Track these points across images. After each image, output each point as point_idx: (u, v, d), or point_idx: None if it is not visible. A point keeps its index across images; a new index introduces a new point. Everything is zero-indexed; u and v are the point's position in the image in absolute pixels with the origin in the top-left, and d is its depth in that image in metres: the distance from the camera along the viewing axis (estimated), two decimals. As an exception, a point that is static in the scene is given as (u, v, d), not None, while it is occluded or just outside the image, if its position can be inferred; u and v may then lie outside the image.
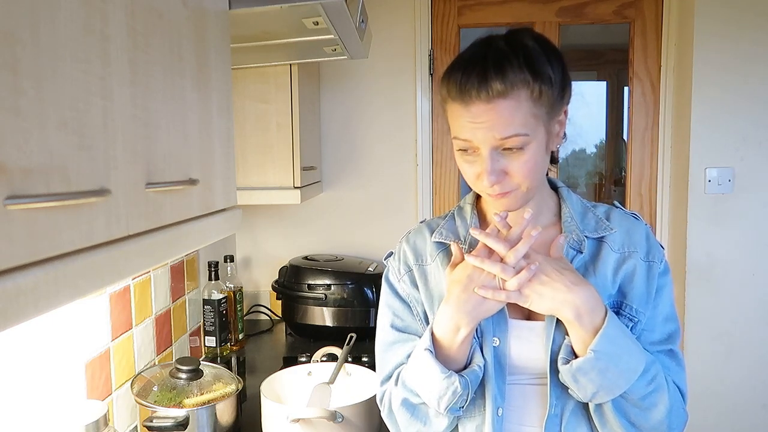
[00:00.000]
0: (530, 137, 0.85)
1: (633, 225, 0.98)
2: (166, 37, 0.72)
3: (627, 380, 0.85)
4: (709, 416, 2.15)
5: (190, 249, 0.80)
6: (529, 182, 0.88)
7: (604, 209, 1.00)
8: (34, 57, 0.46)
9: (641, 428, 0.89)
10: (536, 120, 0.86)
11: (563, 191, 1.01)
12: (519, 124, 0.84)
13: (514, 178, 0.88)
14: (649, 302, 0.94)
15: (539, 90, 0.85)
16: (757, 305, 2.12)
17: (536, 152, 0.87)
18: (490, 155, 0.86)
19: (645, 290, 0.94)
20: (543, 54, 0.87)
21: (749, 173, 2.08)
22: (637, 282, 0.94)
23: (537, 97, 0.85)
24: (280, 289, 2.01)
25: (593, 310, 0.84)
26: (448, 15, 2.21)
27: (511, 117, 0.84)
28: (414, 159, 2.23)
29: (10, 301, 0.43)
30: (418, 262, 1.02)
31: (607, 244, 0.95)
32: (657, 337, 0.95)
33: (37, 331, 1.02)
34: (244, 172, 1.72)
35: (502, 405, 0.92)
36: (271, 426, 1.22)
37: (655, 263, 0.95)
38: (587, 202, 1.01)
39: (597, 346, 0.82)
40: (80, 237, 0.53)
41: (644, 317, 0.93)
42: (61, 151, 0.50)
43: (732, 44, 2.03)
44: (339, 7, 1.04)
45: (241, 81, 1.68)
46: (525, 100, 0.84)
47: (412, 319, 1.01)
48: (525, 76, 0.84)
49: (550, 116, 0.88)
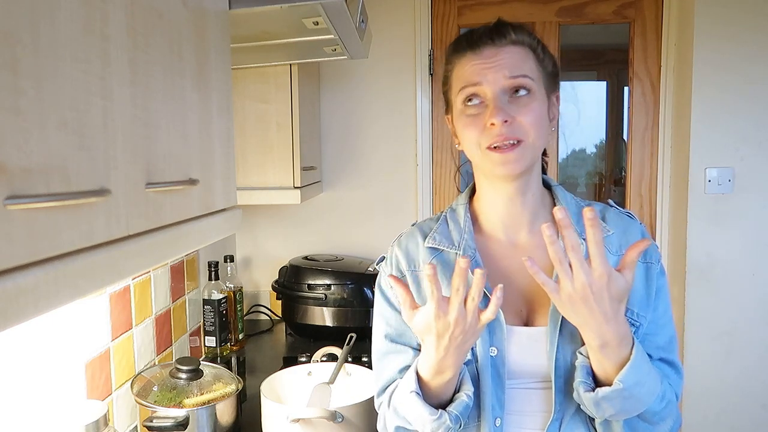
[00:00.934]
0: (536, 85, 0.89)
1: (629, 225, 0.96)
2: (166, 37, 0.72)
3: (646, 403, 0.84)
4: (708, 416, 2.15)
5: (190, 249, 0.80)
6: (535, 133, 0.88)
7: (599, 209, 0.97)
8: (34, 57, 0.46)
9: None
10: (539, 79, 0.90)
11: (557, 190, 0.98)
12: (527, 69, 0.89)
13: (521, 126, 0.87)
14: (649, 305, 0.92)
15: (538, 57, 0.91)
16: (757, 305, 2.12)
17: (540, 107, 0.89)
18: (498, 96, 0.88)
19: (645, 293, 0.92)
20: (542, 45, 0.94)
21: (749, 173, 2.08)
22: (636, 285, 0.91)
23: (539, 61, 0.91)
24: (280, 289, 2.01)
25: (620, 344, 0.81)
26: (448, 15, 2.21)
27: (521, 61, 0.89)
28: (414, 159, 2.23)
29: (10, 301, 0.43)
30: (411, 268, 0.98)
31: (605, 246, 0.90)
32: (661, 341, 0.93)
33: (37, 331, 1.02)
34: (244, 172, 1.72)
35: (501, 415, 0.90)
36: (271, 426, 1.22)
37: (653, 264, 0.94)
38: (582, 201, 0.99)
39: (625, 378, 0.80)
40: (80, 237, 0.53)
41: (645, 321, 0.91)
42: (61, 151, 0.50)
43: (732, 44, 2.03)
44: (339, 7, 1.04)
45: (241, 81, 1.68)
46: (532, 57, 0.91)
47: (405, 328, 0.96)
48: (532, 40, 0.92)
49: (547, 86, 0.92)
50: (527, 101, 0.88)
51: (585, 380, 0.84)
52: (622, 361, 0.81)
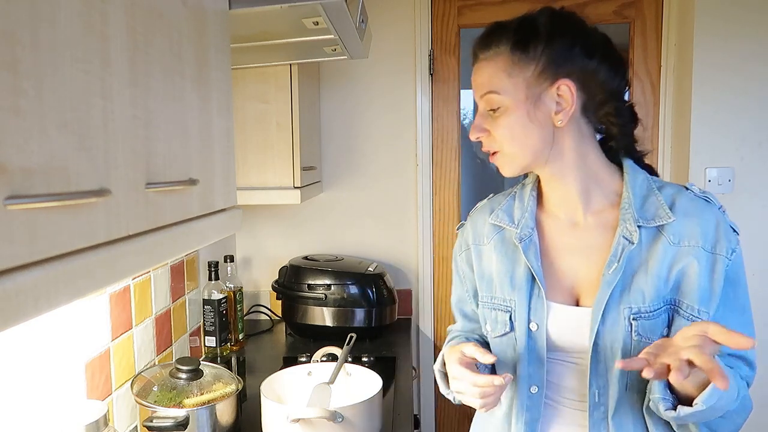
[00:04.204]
0: (505, 98, 0.93)
1: (702, 211, 0.92)
2: (166, 37, 0.72)
3: (725, 409, 0.84)
4: (709, 416, 2.15)
5: (190, 249, 0.80)
6: (508, 146, 0.94)
7: (671, 192, 0.96)
8: (34, 57, 0.46)
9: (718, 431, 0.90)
10: (514, 85, 0.92)
11: (628, 168, 0.97)
12: (493, 85, 0.94)
13: (495, 140, 0.95)
14: (712, 300, 0.89)
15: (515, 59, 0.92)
16: (757, 305, 2.11)
17: (516, 119, 0.93)
18: (480, 113, 0.97)
19: (708, 286, 0.89)
20: (545, 29, 0.93)
21: (749, 173, 2.08)
22: (697, 279, 0.89)
23: (513, 65, 0.93)
24: (280, 289, 2.01)
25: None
26: (448, 15, 2.21)
27: (488, 78, 0.94)
28: (414, 159, 2.23)
29: (10, 301, 0.43)
30: (476, 242, 1.08)
31: (665, 235, 0.91)
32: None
33: (37, 331, 1.02)
34: (244, 172, 1.72)
35: (538, 383, 0.96)
36: (271, 426, 1.22)
37: (721, 256, 0.90)
38: (656, 182, 0.98)
39: (706, 399, 0.79)
40: (80, 237, 0.53)
41: (708, 316, 0.89)
42: (61, 151, 0.50)
43: (732, 44, 2.03)
44: (339, 7, 1.04)
45: (241, 81, 1.68)
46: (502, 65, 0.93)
47: (462, 292, 1.12)
48: (505, 45, 0.93)
49: (533, 85, 0.92)
50: (497, 116, 0.94)
51: (664, 396, 0.85)
52: (702, 383, 0.80)
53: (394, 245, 2.25)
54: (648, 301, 0.90)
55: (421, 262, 2.26)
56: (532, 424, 0.97)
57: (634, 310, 0.90)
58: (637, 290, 0.90)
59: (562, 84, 0.92)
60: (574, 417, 0.96)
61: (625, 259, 0.91)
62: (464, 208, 2.33)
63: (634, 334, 0.90)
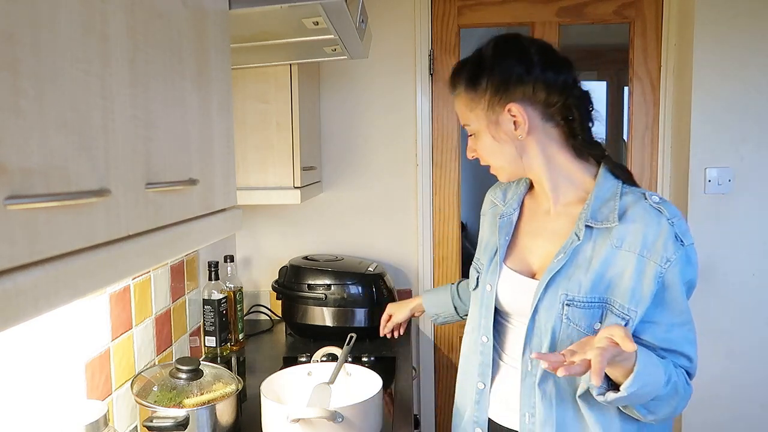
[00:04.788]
0: (473, 127, 1.14)
1: (649, 221, 1.01)
2: (166, 37, 0.72)
3: (652, 394, 0.96)
4: (708, 416, 2.15)
5: (190, 249, 0.80)
6: (494, 161, 1.15)
7: (630, 199, 1.04)
8: (34, 57, 0.46)
9: (656, 414, 1.00)
10: (476, 117, 1.12)
11: (600, 174, 1.09)
12: (463, 117, 1.16)
13: (482, 157, 1.16)
14: (642, 301, 0.99)
15: (471, 96, 1.11)
16: (757, 305, 2.12)
17: (486, 141, 1.12)
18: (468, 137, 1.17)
19: (639, 289, 0.99)
20: (488, 63, 1.10)
21: (749, 173, 2.08)
22: (630, 281, 0.99)
23: (470, 101, 1.12)
24: (280, 289, 2.01)
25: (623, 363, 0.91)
26: (448, 15, 2.21)
27: (460, 111, 1.16)
28: (414, 159, 2.23)
29: (10, 301, 0.43)
30: (483, 212, 1.32)
31: (611, 238, 1.02)
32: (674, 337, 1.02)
33: (37, 331, 1.02)
34: (244, 172, 1.72)
35: (487, 334, 1.17)
36: (271, 426, 1.22)
37: (654, 263, 0.99)
38: (625, 188, 1.07)
39: (629, 386, 0.91)
40: (80, 237, 0.53)
41: (635, 314, 0.99)
42: (61, 151, 0.50)
43: (732, 44, 2.03)
44: (339, 7, 1.04)
45: (241, 81, 1.68)
46: (463, 102, 1.14)
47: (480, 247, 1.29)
48: (461, 85, 1.13)
49: (489, 113, 1.10)
50: (476, 140, 1.15)
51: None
52: (627, 371, 0.91)
53: (394, 245, 2.25)
54: (583, 292, 1.02)
55: (421, 262, 2.26)
56: (483, 368, 1.17)
57: (569, 297, 1.03)
58: (576, 281, 1.03)
59: (510, 107, 1.07)
60: (514, 377, 1.13)
61: (570, 252, 1.04)
62: (464, 208, 2.33)
63: (564, 317, 1.03)
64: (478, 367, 1.18)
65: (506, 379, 1.16)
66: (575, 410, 1.04)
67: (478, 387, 1.18)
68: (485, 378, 1.17)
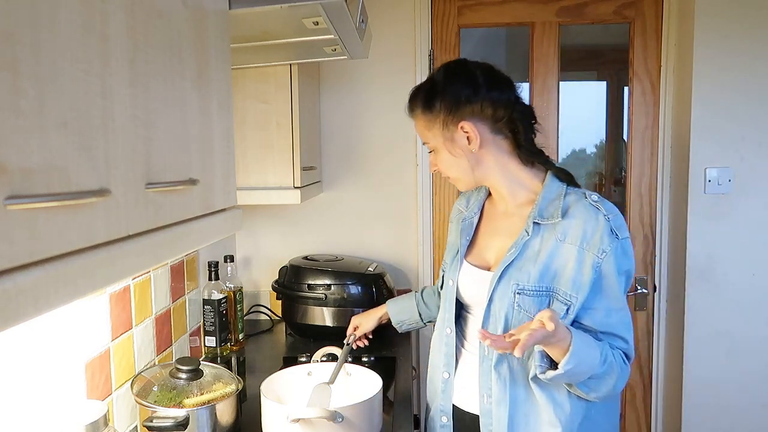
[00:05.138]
0: (432, 144, 1.26)
1: (588, 217, 1.14)
2: (166, 37, 0.72)
3: (589, 372, 1.08)
4: (708, 416, 2.15)
5: (190, 249, 0.80)
6: (453, 174, 1.26)
7: (572, 199, 1.18)
8: (34, 57, 0.46)
9: (597, 392, 1.12)
10: (433, 135, 1.24)
11: (547, 178, 1.22)
12: (422, 136, 1.28)
13: (442, 170, 1.27)
14: (582, 288, 1.12)
15: (428, 117, 1.24)
16: (757, 305, 2.12)
17: (444, 156, 1.25)
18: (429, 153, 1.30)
19: (579, 277, 1.12)
20: (440, 86, 1.22)
21: (749, 173, 2.08)
22: (571, 270, 1.12)
23: (427, 121, 1.24)
24: (280, 289, 2.01)
25: (559, 343, 1.04)
26: (448, 15, 2.21)
27: (419, 131, 1.28)
28: (414, 159, 2.23)
29: (10, 301, 0.43)
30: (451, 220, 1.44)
31: (556, 233, 1.15)
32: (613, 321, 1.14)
33: (37, 331, 1.02)
34: (244, 172, 1.72)
35: (450, 326, 1.30)
36: (271, 426, 1.22)
37: (591, 254, 1.12)
38: (569, 191, 1.20)
39: (566, 364, 1.03)
40: (80, 237, 0.53)
41: (576, 300, 1.12)
42: (61, 151, 0.50)
43: (732, 44, 2.03)
44: (339, 7, 1.04)
45: (241, 81, 1.68)
46: (421, 122, 1.26)
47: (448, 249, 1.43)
48: (417, 108, 1.26)
49: (444, 131, 1.22)
50: (436, 155, 1.27)
51: (540, 363, 1.08)
52: (564, 351, 1.04)
53: (394, 245, 2.25)
54: (532, 281, 1.15)
55: (421, 262, 2.26)
56: (448, 359, 1.30)
57: (520, 286, 1.16)
58: (525, 272, 1.16)
59: (463, 124, 1.20)
60: (475, 364, 1.24)
61: (521, 247, 1.18)
62: (464, 208, 2.33)
63: (516, 305, 1.15)
64: (443, 358, 1.31)
65: (468, 366, 1.28)
66: (528, 391, 1.16)
67: (444, 377, 1.30)
68: (450, 368, 1.30)
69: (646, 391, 2.35)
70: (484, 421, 1.21)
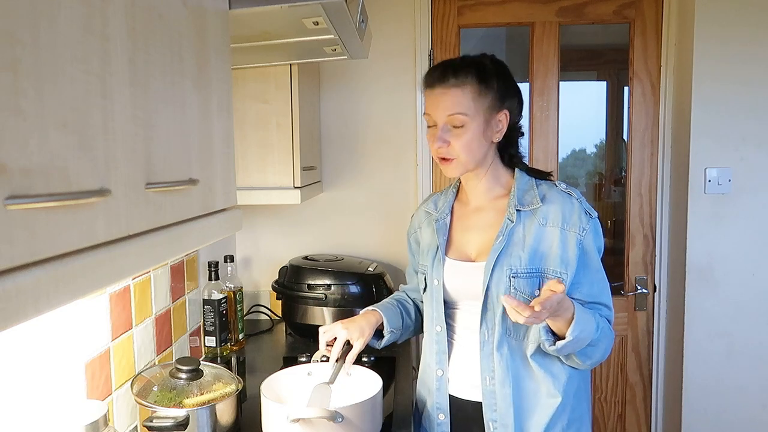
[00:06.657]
0: (469, 119, 1.23)
1: (563, 201, 1.25)
2: (166, 37, 0.72)
3: (588, 339, 1.18)
4: (708, 416, 2.15)
5: (190, 249, 0.80)
6: (464, 156, 1.25)
7: (545, 188, 1.28)
8: (34, 57, 0.46)
9: (593, 359, 1.22)
10: (476, 109, 1.23)
11: (517, 173, 1.32)
12: (462, 107, 1.23)
13: (453, 149, 1.25)
14: (570, 264, 1.21)
15: (480, 90, 1.23)
16: (757, 305, 2.12)
17: (473, 134, 1.24)
18: (442, 127, 1.25)
19: (566, 255, 1.22)
20: (494, 71, 1.25)
21: (749, 173, 2.08)
22: (558, 249, 1.22)
23: (478, 94, 1.23)
24: (280, 289, 2.01)
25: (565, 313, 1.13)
26: (448, 15, 2.21)
27: (458, 101, 1.23)
28: (414, 159, 2.23)
29: (10, 301, 0.43)
30: (419, 226, 1.45)
31: (537, 218, 1.25)
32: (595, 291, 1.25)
33: (37, 331, 1.02)
34: (244, 172, 1.72)
35: (440, 324, 1.34)
36: (271, 426, 1.22)
37: (573, 233, 1.22)
38: (538, 181, 1.31)
39: (572, 331, 1.13)
40: (80, 237, 0.53)
41: (567, 276, 1.21)
42: (61, 151, 0.50)
43: (732, 44, 2.03)
44: (339, 7, 1.04)
45: (241, 81, 1.68)
46: (469, 93, 1.23)
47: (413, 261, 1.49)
48: (472, 78, 1.23)
49: (489, 111, 1.24)
50: (460, 133, 1.24)
51: (547, 337, 1.17)
52: (568, 321, 1.14)
53: (394, 245, 2.25)
54: (523, 264, 1.23)
55: (421, 262, 2.25)
56: (440, 355, 1.34)
57: (513, 270, 1.23)
58: (516, 256, 1.23)
59: (505, 113, 1.27)
60: (471, 350, 1.30)
61: (507, 234, 1.25)
62: (464, 208, 2.33)
63: (512, 288, 1.23)
64: (435, 356, 1.35)
65: (461, 357, 1.33)
66: (527, 368, 1.25)
67: (437, 374, 1.34)
68: (442, 364, 1.34)
69: (646, 391, 2.35)
70: (487, 402, 1.26)
